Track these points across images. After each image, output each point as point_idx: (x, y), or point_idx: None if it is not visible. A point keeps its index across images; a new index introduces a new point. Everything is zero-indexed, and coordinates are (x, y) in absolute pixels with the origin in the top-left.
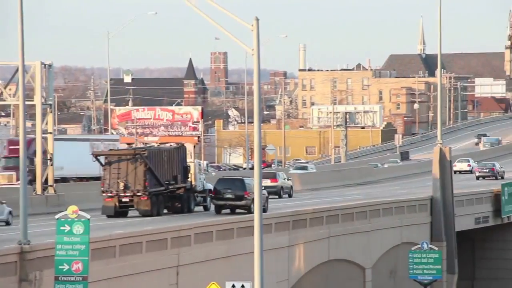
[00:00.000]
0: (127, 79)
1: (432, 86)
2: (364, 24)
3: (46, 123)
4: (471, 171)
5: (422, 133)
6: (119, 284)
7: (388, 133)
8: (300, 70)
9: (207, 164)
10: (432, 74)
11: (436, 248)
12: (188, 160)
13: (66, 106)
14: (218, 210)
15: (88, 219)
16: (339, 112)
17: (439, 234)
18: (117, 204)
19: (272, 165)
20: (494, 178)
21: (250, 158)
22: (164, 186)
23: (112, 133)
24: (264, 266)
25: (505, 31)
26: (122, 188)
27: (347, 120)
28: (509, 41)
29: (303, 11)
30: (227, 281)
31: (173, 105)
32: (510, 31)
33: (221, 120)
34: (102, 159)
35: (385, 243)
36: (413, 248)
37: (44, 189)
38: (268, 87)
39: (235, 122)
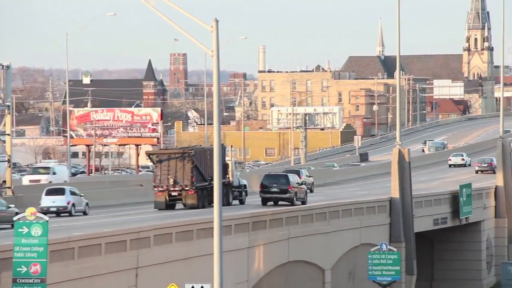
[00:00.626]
0: (86, 80)
1: (391, 87)
2: (324, 25)
3: (4, 125)
4: (464, 165)
5: (381, 135)
6: (78, 285)
7: (347, 134)
8: (259, 71)
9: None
10: (391, 75)
11: (395, 249)
12: (227, 158)
13: (24, 107)
14: (265, 202)
15: (47, 221)
16: (298, 114)
17: (398, 235)
18: (167, 198)
19: None
20: (492, 172)
21: None
22: (207, 181)
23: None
24: (224, 268)
25: (463, 33)
26: (172, 183)
27: (307, 121)
28: (467, 43)
29: (262, 12)
30: (187, 282)
31: (132, 106)
32: (468, 33)
33: (181, 122)
34: (153, 157)
35: (344, 244)
36: (372, 249)
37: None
38: (227, 89)
39: (195, 123)
